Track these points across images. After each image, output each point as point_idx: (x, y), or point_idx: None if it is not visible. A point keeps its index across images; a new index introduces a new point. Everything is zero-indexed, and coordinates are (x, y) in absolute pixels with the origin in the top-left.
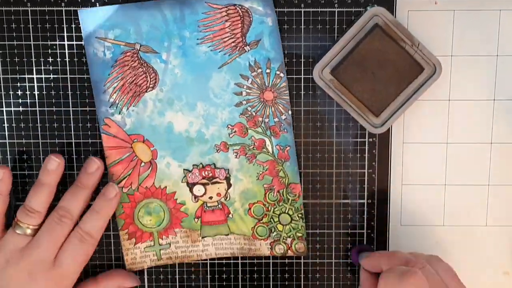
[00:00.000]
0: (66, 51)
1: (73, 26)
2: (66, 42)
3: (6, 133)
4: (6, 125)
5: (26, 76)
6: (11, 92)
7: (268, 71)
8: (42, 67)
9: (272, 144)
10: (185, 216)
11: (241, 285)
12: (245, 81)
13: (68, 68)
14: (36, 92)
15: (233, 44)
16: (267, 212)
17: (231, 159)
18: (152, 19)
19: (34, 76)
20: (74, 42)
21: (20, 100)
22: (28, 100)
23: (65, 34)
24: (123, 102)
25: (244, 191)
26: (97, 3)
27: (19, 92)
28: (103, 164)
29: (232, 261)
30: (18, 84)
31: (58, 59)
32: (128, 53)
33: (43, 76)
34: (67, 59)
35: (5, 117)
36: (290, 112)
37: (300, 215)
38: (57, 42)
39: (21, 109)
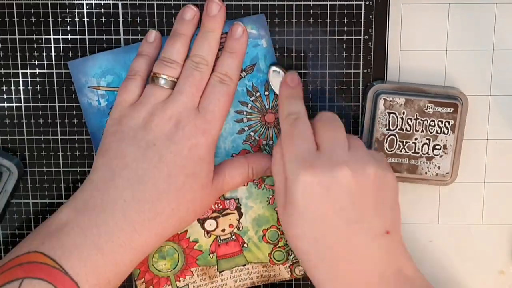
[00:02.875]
0: (52, 45)
1: (59, 19)
2: (52, 36)
3: None
4: None
5: (11, 71)
6: None
7: (266, 93)
8: (28, 62)
9: None
10: (200, 253)
11: None
12: (245, 107)
13: (54, 63)
14: (21, 88)
15: None
16: (281, 235)
17: (239, 188)
18: None
19: (19, 71)
20: (61, 36)
21: (5, 96)
22: (13, 96)
23: (51, 28)
24: None
25: (256, 218)
26: (86, 53)
27: (4, 88)
28: (224, 6)
29: None
30: (3, 79)
31: (44, 54)
32: None
33: (28, 71)
34: (53, 53)
35: None
36: None
37: None
38: (43, 36)
39: (6, 104)
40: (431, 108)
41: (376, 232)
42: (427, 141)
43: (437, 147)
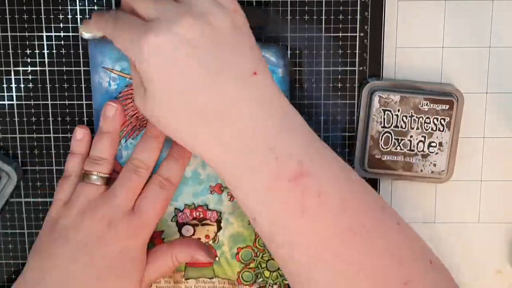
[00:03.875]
0: (45, 42)
1: (52, 16)
2: (44, 34)
3: None
4: None
5: (4, 68)
6: None
7: None
8: (20, 60)
9: None
10: None
11: None
12: None
13: (46, 60)
14: (13, 86)
15: None
16: (255, 257)
17: (224, 202)
18: None
19: (12, 68)
20: (53, 34)
21: None
22: (5, 94)
23: (44, 25)
24: (121, 134)
25: (234, 235)
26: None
27: None
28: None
29: None
30: None
31: (36, 51)
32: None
33: (20, 68)
34: (45, 51)
35: None
36: None
37: None
38: (35, 34)
39: None
40: (427, 105)
41: (242, 75)
42: (423, 139)
43: (433, 144)
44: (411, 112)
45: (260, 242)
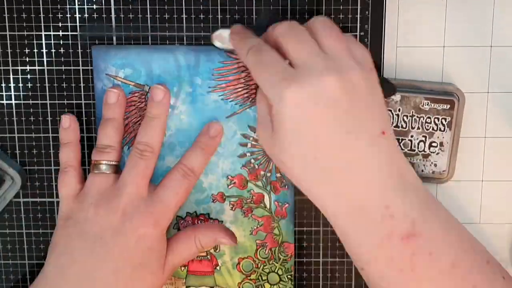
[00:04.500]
0: (44, 42)
1: (51, 15)
2: (43, 33)
3: None
4: None
5: (2, 68)
6: None
7: None
8: (19, 59)
9: (271, 199)
10: None
11: None
12: (253, 133)
13: (45, 60)
14: (12, 85)
15: (246, 95)
16: (256, 268)
17: (226, 211)
18: (164, 63)
19: (10, 68)
20: (52, 33)
21: None
22: (4, 93)
23: (42, 24)
24: (124, 141)
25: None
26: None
27: None
28: (169, 92)
29: None
30: None
31: (35, 51)
32: (136, 94)
33: (19, 68)
34: (44, 50)
35: None
36: None
37: (289, 276)
38: (34, 33)
39: None
40: (427, 104)
41: (372, 134)
42: (423, 138)
43: (434, 144)
44: (412, 112)
45: (261, 254)
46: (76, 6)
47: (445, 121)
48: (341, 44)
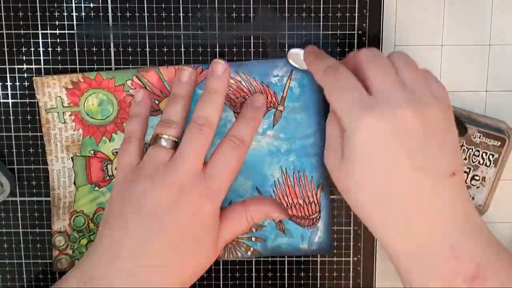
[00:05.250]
0: (40, 40)
1: (47, 14)
2: (40, 31)
3: None
4: None
5: None
6: None
7: None
8: (15, 57)
9: None
10: None
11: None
12: None
13: (42, 58)
14: (8, 84)
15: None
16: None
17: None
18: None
19: (7, 66)
20: (49, 31)
21: None
22: (0, 92)
23: (39, 22)
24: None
25: None
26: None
27: None
28: (229, 68)
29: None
30: None
31: (32, 49)
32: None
33: (15, 66)
34: (41, 49)
35: None
36: None
37: None
38: (31, 31)
39: None
40: (479, 138)
41: (443, 174)
42: (468, 170)
43: (476, 177)
44: (463, 142)
45: None
46: (73, 5)
47: (492, 157)
48: (420, 78)
